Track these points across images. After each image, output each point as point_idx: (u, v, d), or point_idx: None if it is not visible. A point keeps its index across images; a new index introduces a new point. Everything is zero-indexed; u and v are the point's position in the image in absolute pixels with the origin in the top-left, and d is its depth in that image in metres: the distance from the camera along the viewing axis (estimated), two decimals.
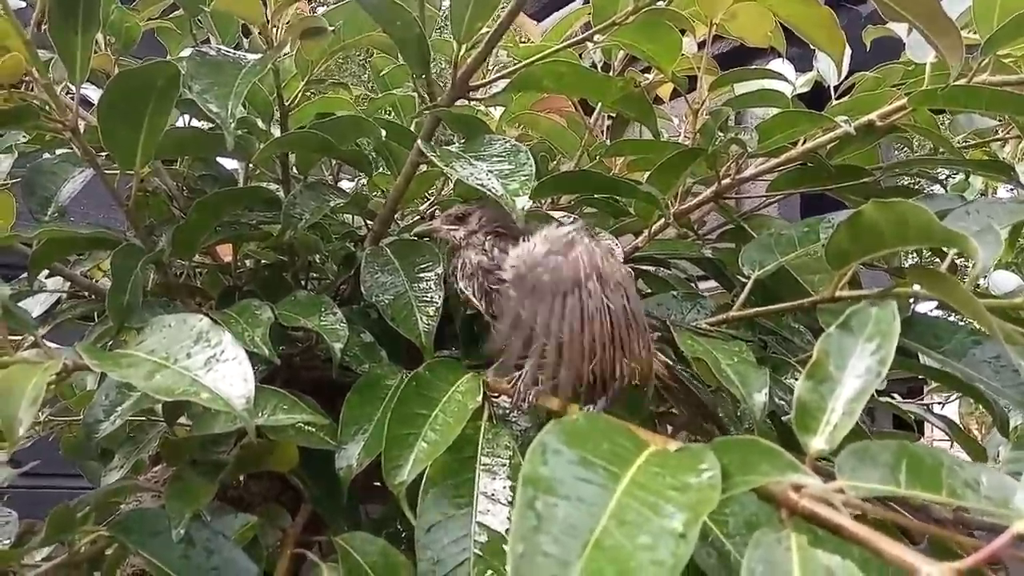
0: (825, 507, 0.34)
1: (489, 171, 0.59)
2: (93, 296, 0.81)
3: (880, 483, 0.37)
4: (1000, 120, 1.00)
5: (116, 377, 0.43)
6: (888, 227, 0.49)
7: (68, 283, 0.90)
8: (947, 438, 1.15)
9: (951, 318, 0.68)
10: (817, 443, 0.35)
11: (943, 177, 1.05)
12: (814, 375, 0.36)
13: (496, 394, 0.59)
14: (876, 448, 0.38)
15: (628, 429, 0.39)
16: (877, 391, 0.79)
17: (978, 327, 0.63)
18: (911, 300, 0.62)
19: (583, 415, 0.37)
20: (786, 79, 0.91)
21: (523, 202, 0.55)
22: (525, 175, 0.58)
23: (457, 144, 0.67)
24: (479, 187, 0.57)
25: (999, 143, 1.05)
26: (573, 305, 0.49)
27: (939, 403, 1.69)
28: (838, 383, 0.36)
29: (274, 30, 0.66)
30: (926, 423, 1.33)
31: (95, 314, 0.89)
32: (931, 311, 0.75)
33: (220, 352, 0.44)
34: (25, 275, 0.83)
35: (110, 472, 0.76)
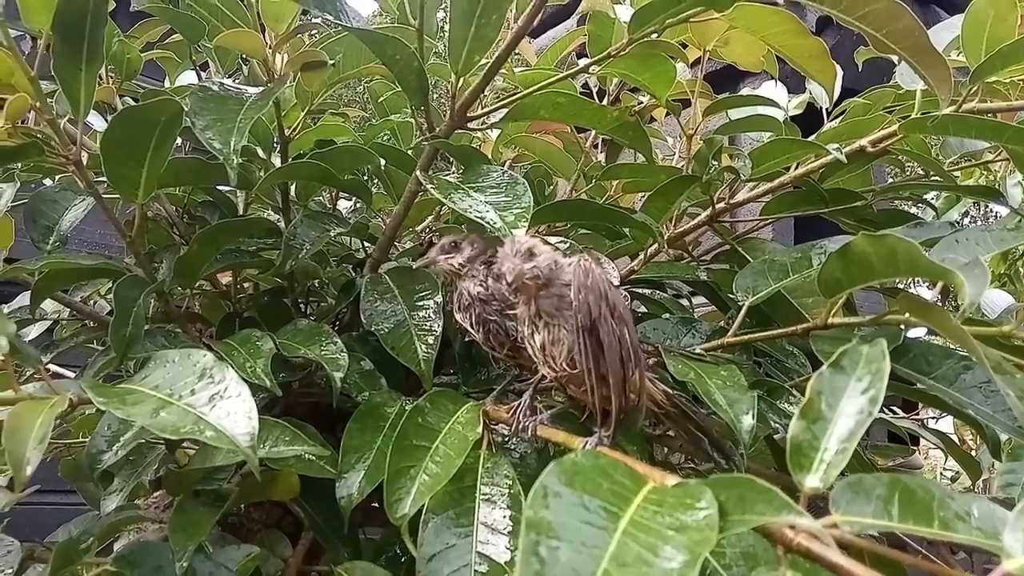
0: (820, 544, 0.35)
1: (487, 202, 0.60)
2: (93, 322, 0.82)
3: (873, 517, 0.37)
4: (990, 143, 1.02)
5: (120, 415, 0.44)
6: (878, 259, 0.50)
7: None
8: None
9: (942, 343, 0.69)
10: (811, 481, 0.36)
11: (933, 198, 1.06)
12: (807, 414, 0.37)
13: (495, 422, 0.60)
14: (870, 482, 0.39)
15: (626, 466, 0.40)
16: None
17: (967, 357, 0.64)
18: (902, 327, 0.63)
19: (583, 453, 0.38)
20: (778, 106, 0.92)
21: (520, 234, 0.56)
22: (522, 207, 0.58)
23: (455, 174, 0.68)
24: (477, 219, 0.58)
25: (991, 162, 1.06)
26: (595, 338, 0.49)
27: (934, 417, 1.70)
28: (831, 422, 0.36)
29: (275, 62, 0.67)
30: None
31: (95, 340, 0.90)
32: (924, 336, 0.77)
33: (224, 389, 0.45)
34: (21, 297, 0.84)
35: (110, 496, 0.76)
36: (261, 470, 0.62)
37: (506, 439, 0.65)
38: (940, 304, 0.63)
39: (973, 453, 1.25)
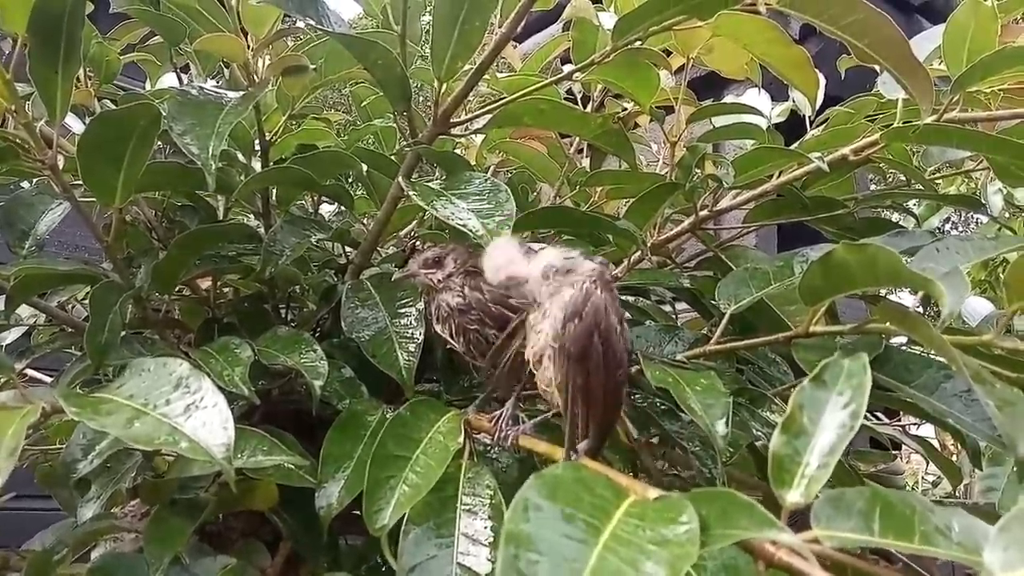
0: (801, 560, 0.35)
1: (469, 209, 0.60)
2: (70, 328, 0.80)
3: (854, 532, 0.37)
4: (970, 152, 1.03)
5: (94, 426, 0.43)
6: (858, 268, 0.50)
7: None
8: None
9: (922, 351, 0.70)
10: (792, 496, 0.36)
11: (914, 205, 1.06)
12: (789, 429, 0.37)
13: (477, 432, 0.59)
14: (851, 496, 0.38)
15: (608, 478, 0.40)
16: None
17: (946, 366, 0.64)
18: (883, 336, 0.64)
19: (564, 465, 0.38)
20: (762, 114, 0.93)
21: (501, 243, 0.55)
22: (504, 214, 0.58)
23: (438, 180, 0.68)
24: (459, 227, 0.57)
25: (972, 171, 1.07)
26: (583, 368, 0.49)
27: (915, 423, 1.71)
28: (812, 436, 0.36)
29: (256, 66, 0.66)
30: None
31: (72, 345, 0.89)
32: (904, 344, 0.77)
33: (200, 399, 0.44)
34: None
35: (86, 503, 0.75)
36: (239, 480, 0.61)
37: (488, 448, 0.65)
38: (921, 311, 0.63)
39: (954, 458, 1.26)
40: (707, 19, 0.66)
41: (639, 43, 0.70)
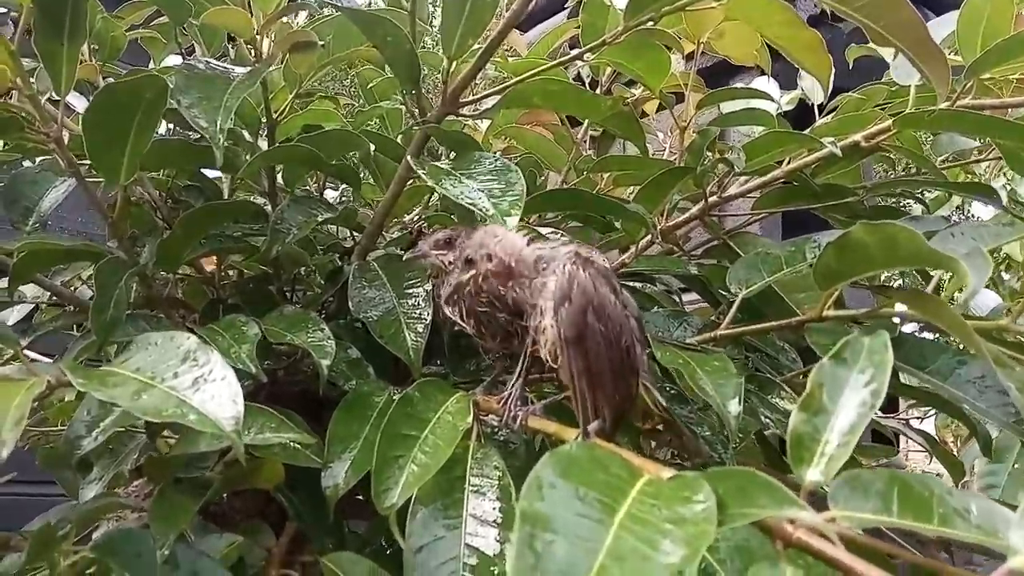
0: (819, 539, 0.34)
1: (479, 189, 0.59)
2: (74, 307, 0.80)
3: (873, 513, 0.37)
4: (980, 141, 1.02)
5: (102, 397, 0.42)
6: (877, 248, 0.49)
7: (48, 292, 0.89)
8: (923, 451, 1.16)
9: (934, 338, 0.69)
10: (812, 475, 0.35)
11: (925, 195, 1.05)
12: (808, 407, 0.36)
13: (485, 413, 0.59)
14: (868, 477, 0.38)
15: (622, 457, 0.39)
16: None
17: (962, 348, 0.63)
18: (897, 321, 0.63)
19: (578, 444, 0.37)
20: (772, 98, 0.92)
21: (513, 222, 0.55)
22: (515, 194, 0.57)
23: (447, 161, 0.67)
24: (469, 206, 0.57)
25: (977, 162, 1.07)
26: (581, 350, 0.48)
27: (918, 417, 1.71)
28: (832, 415, 0.36)
29: (263, 43, 0.65)
30: (902, 437, 1.34)
31: (75, 325, 0.88)
32: (915, 331, 0.76)
33: (208, 372, 0.44)
34: None
35: (88, 485, 0.74)
36: (248, 458, 0.61)
37: (496, 430, 0.64)
38: None
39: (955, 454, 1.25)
40: None
41: (651, 23, 0.69)
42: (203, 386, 0.43)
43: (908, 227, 0.46)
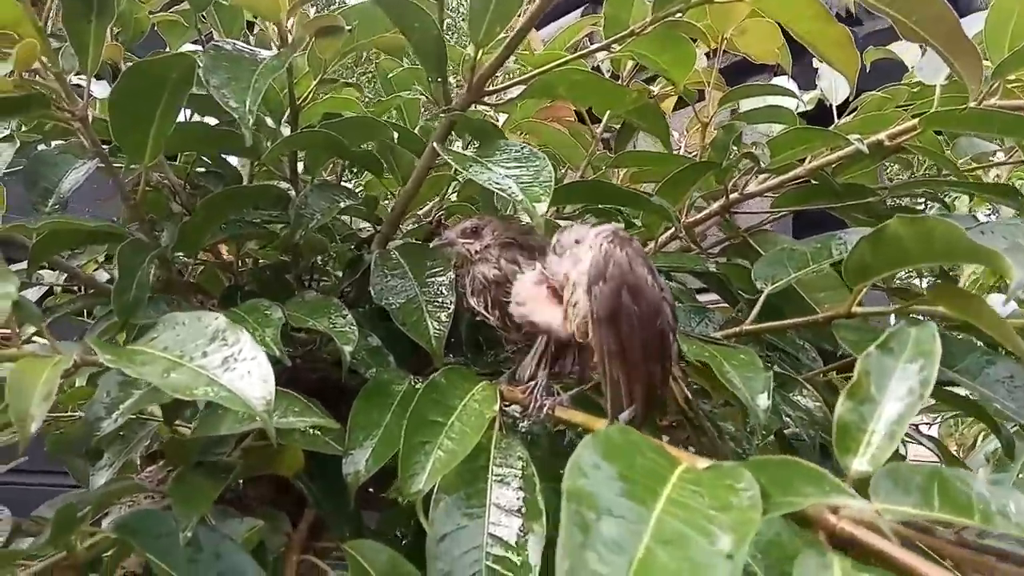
0: (865, 530, 0.33)
1: (507, 176, 0.58)
2: (90, 290, 0.79)
3: (915, 507, 0.36)
4: (999, 144, 1.01)
5: (132, 374, 0.42)
6: (913, 242, 0.49)
7: (63, 275, 0.89)
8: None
9: (961, 337, 0.68)
10: (858, 464, 0.34)
11: (948, 198, 1.05)
12: (855, 395, 0.35)
13: (508, 403, 0.58)
14: (908, 470, 0.37)
15: (658, 445, 0.39)
16: None
17: (991, 347, 0.63)
18: (923, 317, 0.62)
19: (615, 428, 0.36)
20: (795, 95, 0.91)
21: (543, 208, 0.54)
22: (544, 180, 0.57)
23: (472, 148, 0.66)
24: (498, 191, 0.56)
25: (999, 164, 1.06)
26: (615, 331, 0.47)
27: (926, 423, 1.70)
28: (879, 404, 0.35)
29: (290, 26, 0.65)
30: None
31: (85, 310, 0.88)
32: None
33: (238, 351, 0.43)
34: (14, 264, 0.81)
35: (99, 471, 0.74)
36: (265, 444, 0.60)
37: (516, 420, 0.64)
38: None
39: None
40: None
41: (680, 15, 0.68)
42: (233, 365, 0.42)
43: (947, 220, 0.45)
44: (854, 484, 0.36)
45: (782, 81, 1.04)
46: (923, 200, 1.09)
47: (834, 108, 1.00)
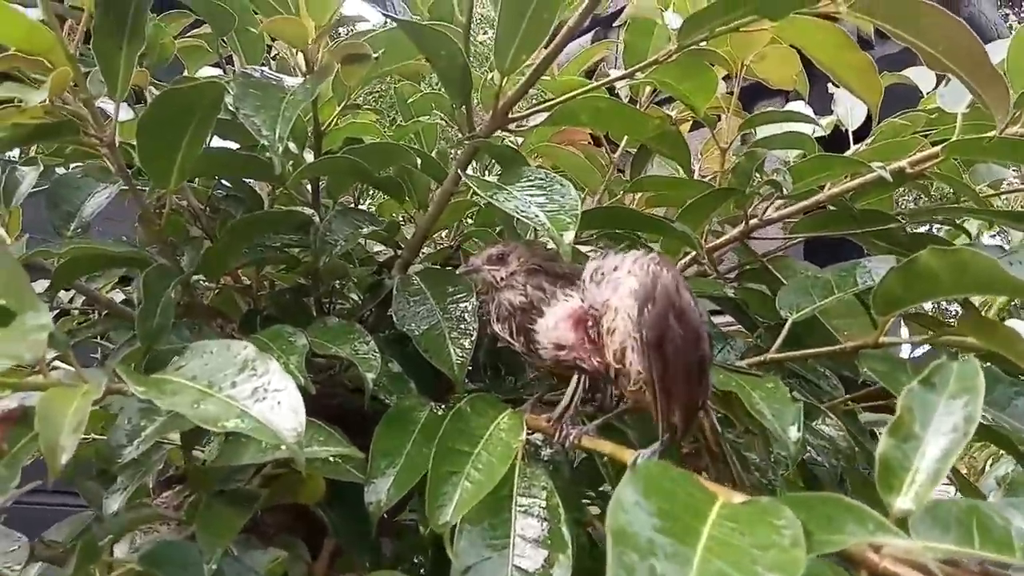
0: (910, 570, 0.33)
1: (532, 203, 0.58)
2: (107, 312, 0.79)
3: (956, 544, 0.36)
4: (1016, 170, 1.01)
5: (162, 405, 0.41)
6: (947, 274, 0.48)
7: (79, 296, 0.88)
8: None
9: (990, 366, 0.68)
10: (902, 503, 0.34)
11: (964, 223, 1.04)
12: (897, 432, 0.35)
13: (532, 431, 0.58)
14: (946, 507, 0.37)
15: (694, 479, 0.38)
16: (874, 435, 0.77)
17: (1019, 379, 0.62)
18: (953, 350, 0.62)
19: (654, 463, 0.36)
20: (815, 122, 0.91)
21: (570, 237, 0.54)
22: (570, 209, 0.56)
23: (494, 175, 0.66)
24: (524, 219, 0.56)
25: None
26: (660, 354, 0.47)
27: None
28: (922, 441, 0.35)
29: (317, 53, 0.65)
30: None
31: (100, 335, 0.87)
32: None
33: (267, 382, 0.43)
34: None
35: (113, 495, 0.73)
36: (287, 472, 0.60)
37: (539, 449, 0.63)
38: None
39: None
40: (777, 20, 0.65)
41: (704, 43, 0.68)
42: (263, 396, 0.42)
43: (981, 252, 0.45)
44: (893, 522, 0.35)
45: (796, 106, 1.04)
46: (937, 226, 1.09)
47: (850, 133, 1.00)
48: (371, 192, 1.12)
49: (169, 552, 0.50)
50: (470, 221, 0.92)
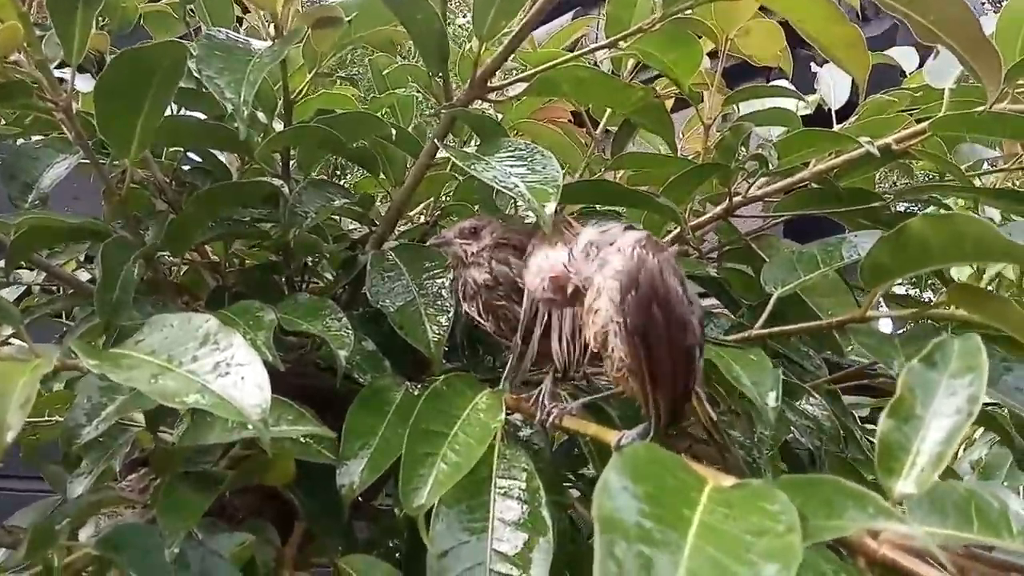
0: (909, 556, 0.31)
1: (512, 174, 0.56)
2: (70, 290, 0.76)
3: (955, 529, 0.34)
4: (1001, 151, 1.00)
5: (117, 379, 0.39)
6: (940, 242, 0.47)
7: (42, 274, 0.85)
8: None
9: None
10: (903, 487, 0.32)
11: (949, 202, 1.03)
12: (898, 412, 0.33)
13: (512, 411, 0.56)
14: (943, 491, 0.35)
15: (682, 462, 0.36)
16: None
17: (1009, 353, 0.61)
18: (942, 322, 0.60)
19: (641, 446, 0.34)
20: (800, 96, 0.90)
21: (551, 208, 0.52)
22: (551, 179, 0.54)
23: (473, 146, 0.64)
24: (503, 190, 0.53)
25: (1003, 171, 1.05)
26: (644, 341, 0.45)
27: None
28: (924, 422, 0.33)
29: (287, 16, 0.62)
30: None
31: (64, 312, 0.84)
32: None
33: (231, 356, 0.40)
34: None
35: (77, 479, 0.71)
36: (255, 453, 0.57)
37: (518, 429, 0.61)
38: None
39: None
40: None
41: (689, 11, 0.66)
42: (226, 371, 0.40)
43: (977, 218, 0.43)
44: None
45: (783, 83, 1.02)
46: (917, 206, 1.08)
47: (833, 112, 0.98)
48: (346, 171, 1.09)
49: (129, 536, 0.47)
50: (448, 198, 0.90)
